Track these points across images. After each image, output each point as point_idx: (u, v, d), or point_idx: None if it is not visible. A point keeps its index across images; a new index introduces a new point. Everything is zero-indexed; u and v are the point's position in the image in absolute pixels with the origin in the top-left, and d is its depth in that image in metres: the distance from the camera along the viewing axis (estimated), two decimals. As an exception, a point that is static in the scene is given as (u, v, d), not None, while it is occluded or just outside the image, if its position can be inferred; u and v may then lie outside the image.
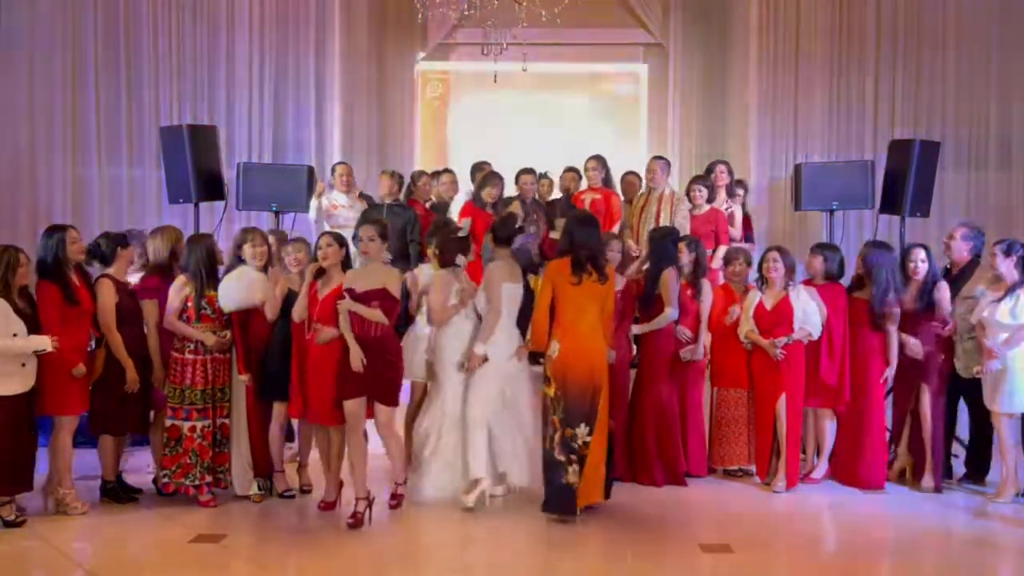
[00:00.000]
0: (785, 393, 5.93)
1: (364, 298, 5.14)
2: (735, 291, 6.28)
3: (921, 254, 6.02)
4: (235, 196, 7.88)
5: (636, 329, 6.08)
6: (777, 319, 5.97)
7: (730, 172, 7.97)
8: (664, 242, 6.12)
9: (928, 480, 5.99)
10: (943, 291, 5.96)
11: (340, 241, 5.47)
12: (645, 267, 6.32)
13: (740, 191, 8.04)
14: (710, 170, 7.96)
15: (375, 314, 5.11)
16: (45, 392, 5.27)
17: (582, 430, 5.18)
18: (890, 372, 6.01)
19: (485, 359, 5.46)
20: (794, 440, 5.96)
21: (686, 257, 6.23)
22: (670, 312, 5.96)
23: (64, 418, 5.35)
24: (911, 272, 6.03)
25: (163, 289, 5.57)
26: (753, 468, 6.19)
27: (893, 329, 5.95)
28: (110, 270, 5.59)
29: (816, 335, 5.96)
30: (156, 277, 5.71)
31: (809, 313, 5.94)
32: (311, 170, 8.02)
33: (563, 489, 5.16)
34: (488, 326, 5.51)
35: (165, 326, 5.53)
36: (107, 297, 5.45)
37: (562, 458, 5.17)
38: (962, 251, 6.22)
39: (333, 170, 8.05)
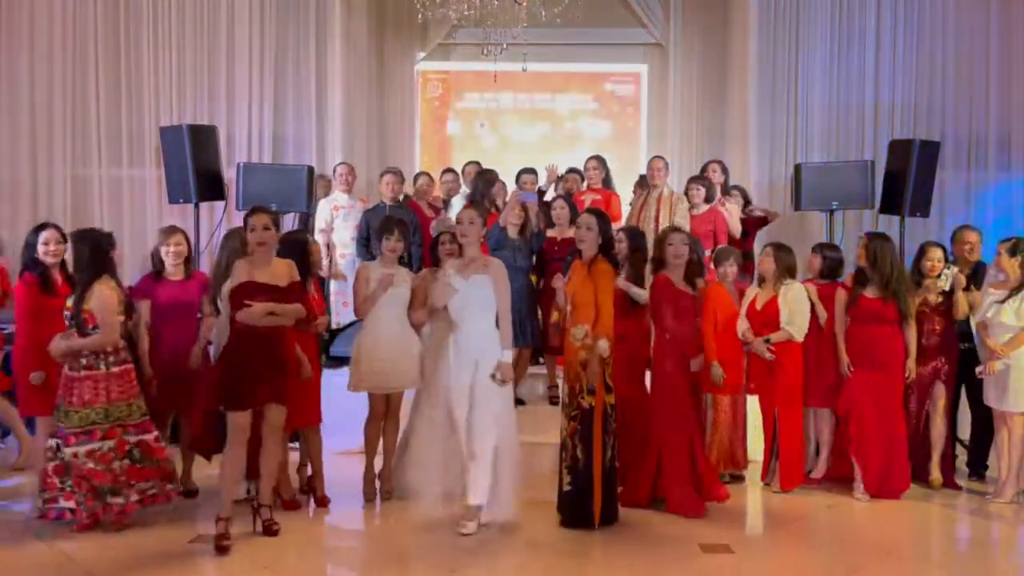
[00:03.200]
0: (782, 393, 5.93)
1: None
2: (728, 291, 6.20)
3: (938, 253, 6.04)
4: (235, 196, 7.88)
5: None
6: (765, 319, 5.96)
7: (724, 170, 7.97)
8: (641, 242, 6.07)
9: (936, 475, 5.99)
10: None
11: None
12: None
13: (735, 192, 8.03)
14: (704, 169, 7.98)
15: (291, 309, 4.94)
16: (22, 392, 5.28)
17: None
18: (911, 364, 5.94)
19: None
20: (792, 440, 5.95)
21: None
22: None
23: (42, 419, 5.32)
24: (928, 271, 6.03)
25: (153, 291, 5.59)
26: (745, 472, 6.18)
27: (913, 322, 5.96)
28: None
29: (799, 337, 5.90)
30: (149, 278, 5.71)
31: (795, 314, 5.89)
32: (311, 170, 8.02)
33: (616, 498, 5.27)
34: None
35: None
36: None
37: (618, 464, 5.26)
38: (975, 254, 6.25)
39: (334, 171, 8.06)
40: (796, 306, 5.92)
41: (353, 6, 9.45)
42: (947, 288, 6.00)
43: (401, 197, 7.83)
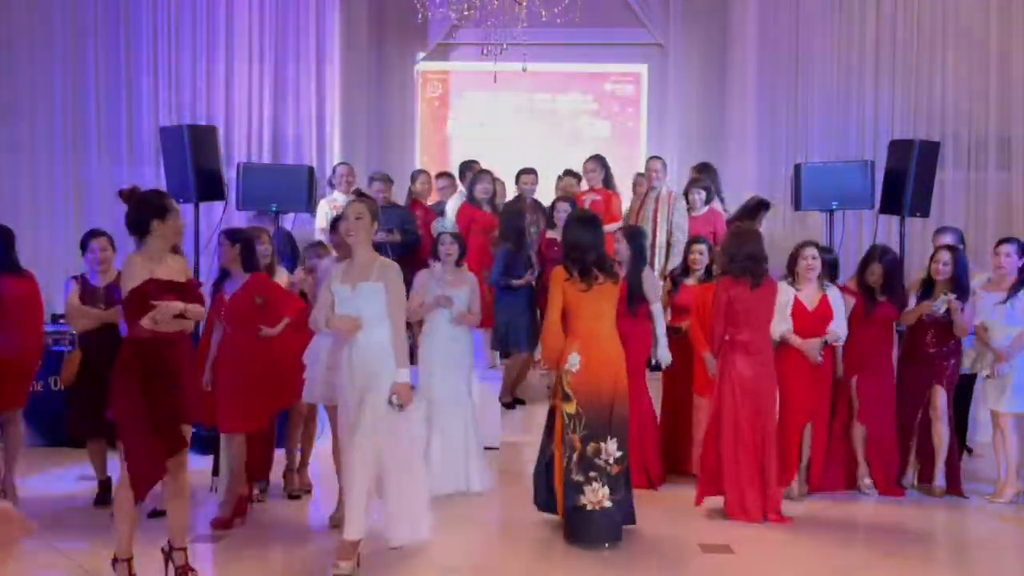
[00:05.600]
0: (822, 397, 5.81)
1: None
2: None
3: (946, 256, 5.89)
4: (235, 196, 7.88)
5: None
6: (819, 320, 5.71)
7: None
8: (640, 241, 6.02)
9: (940, 481, 5.91)
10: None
11: (233, 239, 5.28)
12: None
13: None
14: (698, 170, 8.02)
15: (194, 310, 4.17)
16: None
17: (610, 445, 4.89)
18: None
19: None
20: (823, 443, 5.91)
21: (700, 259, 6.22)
22: (656, 309, 5.90)
23: None
24: (934, 274, 5.92)
25: None
26: None
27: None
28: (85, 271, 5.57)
29: (843, 338, 5.78)
30: None
31: (840, 316, 5.77)
32: (311, 170, 8.03)
33: (579, 512, 4.88)
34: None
35: None
36: (72, 295, 5.43)
37: (579, 478, 4.86)
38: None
39: (334, 171, 8.07)
40: (838, 307, 5.78)
41: (353, 6, 9.45)
42: (940, 313, 5.79)
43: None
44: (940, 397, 5.91)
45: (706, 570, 4.68)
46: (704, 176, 7.86)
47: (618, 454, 4.91)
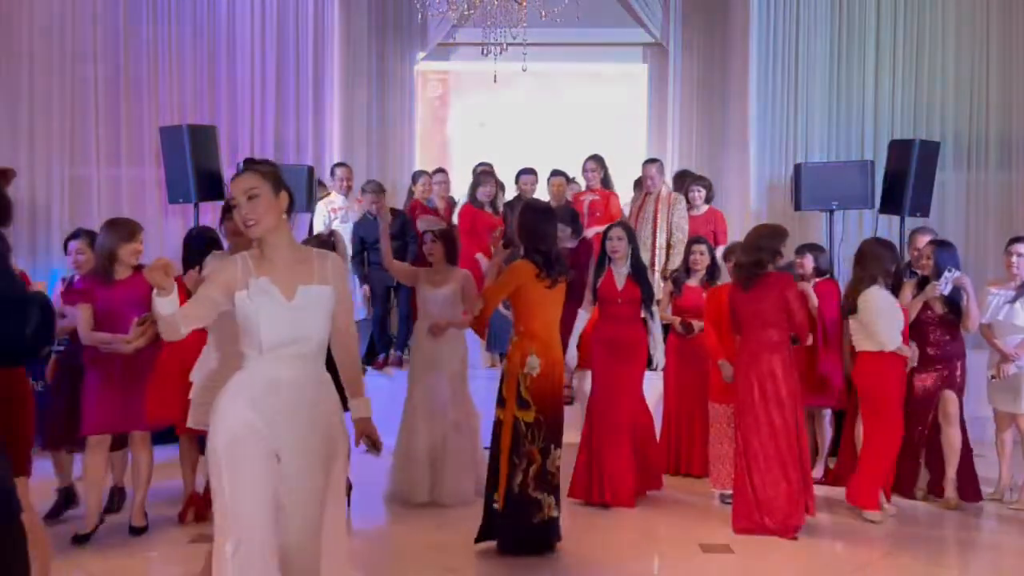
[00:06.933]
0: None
1: None
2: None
3: (927, 250, 5.73)
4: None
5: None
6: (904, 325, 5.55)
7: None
8: (636, 241, 5.89)
9: (951, 494, 5.70)
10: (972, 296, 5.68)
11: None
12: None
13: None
14: (682, 178, 8.04)
15: None
16: None
17: (555, 453, 4.67)
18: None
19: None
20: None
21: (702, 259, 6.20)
22: (655, 310, 5.85)
23: None
24: (922, 270, 5.79)
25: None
26: None
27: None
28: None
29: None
30: (92, 278, 5.02)
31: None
32: (311, 170, 8.02)
33: (544, 527, 4.65)
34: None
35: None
36: (56, 297, 5.37)
37: (538, 495, 4.60)
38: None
39: (332, 172, 8.06)
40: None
41: (353, 6, 9.46)
42: (947, 292, 5.58)
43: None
44: (952, 403, 5.69)
45: (706, 570, 4.68)
46: (692, 177, 7.87)
47: (559, 461, 4.72)
